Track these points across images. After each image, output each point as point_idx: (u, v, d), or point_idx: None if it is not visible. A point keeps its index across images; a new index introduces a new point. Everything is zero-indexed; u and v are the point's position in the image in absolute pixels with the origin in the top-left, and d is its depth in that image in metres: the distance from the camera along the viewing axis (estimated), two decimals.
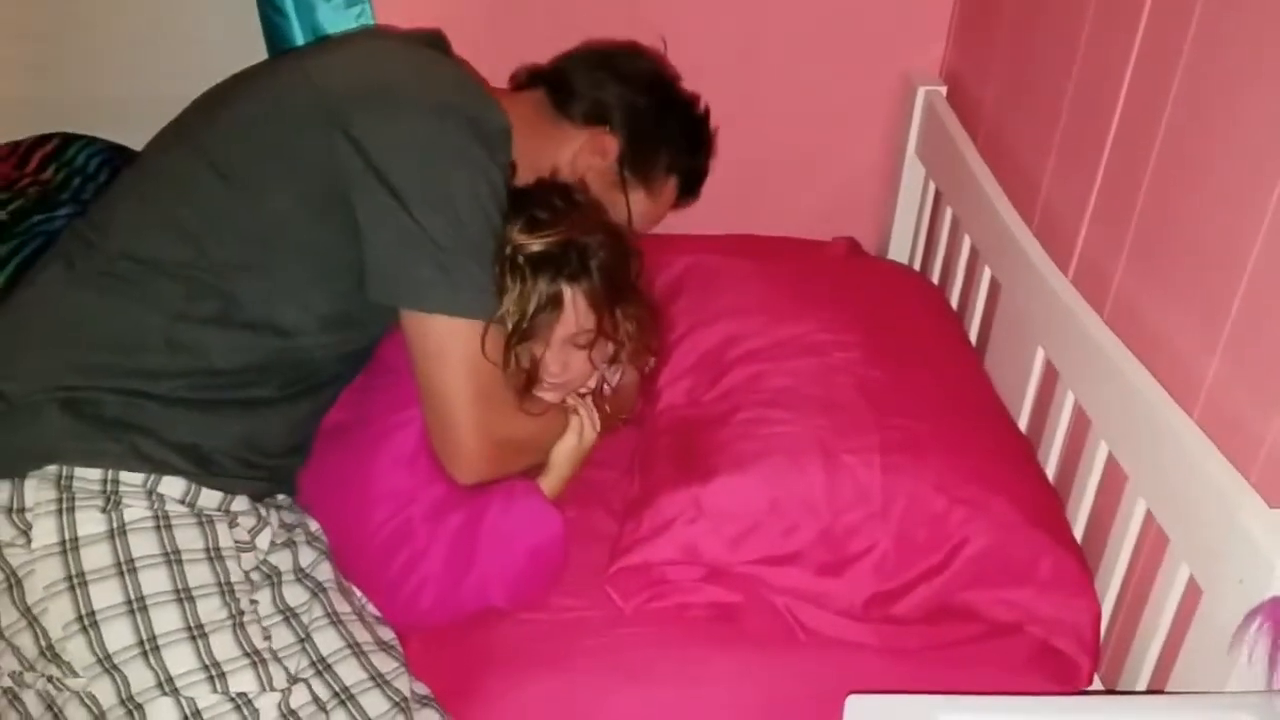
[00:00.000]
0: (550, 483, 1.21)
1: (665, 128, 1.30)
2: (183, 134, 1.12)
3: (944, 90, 1.68)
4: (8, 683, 0.98)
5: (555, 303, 1.16)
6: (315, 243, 1.06)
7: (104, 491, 0.97)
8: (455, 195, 1.04)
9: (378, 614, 1.14)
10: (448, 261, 1.03)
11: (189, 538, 0.99)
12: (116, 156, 1.74)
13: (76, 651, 0.94)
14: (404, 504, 1.12)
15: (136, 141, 1.27)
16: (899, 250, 1.80)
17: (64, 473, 0.97)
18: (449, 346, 1.06)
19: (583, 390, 1.27)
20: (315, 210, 1.05)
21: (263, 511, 1.09)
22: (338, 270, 1.06)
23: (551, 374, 1.19)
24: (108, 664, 0.94)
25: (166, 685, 0.94)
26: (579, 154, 1.26)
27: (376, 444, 1.15)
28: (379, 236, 1.03)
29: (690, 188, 1.37)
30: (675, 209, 1.39)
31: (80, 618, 0.94)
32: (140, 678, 0.94)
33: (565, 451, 1.23)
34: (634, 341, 1.25)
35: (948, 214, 1.61)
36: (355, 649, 1.07)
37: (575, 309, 1.17)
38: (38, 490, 0.96)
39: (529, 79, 1.32)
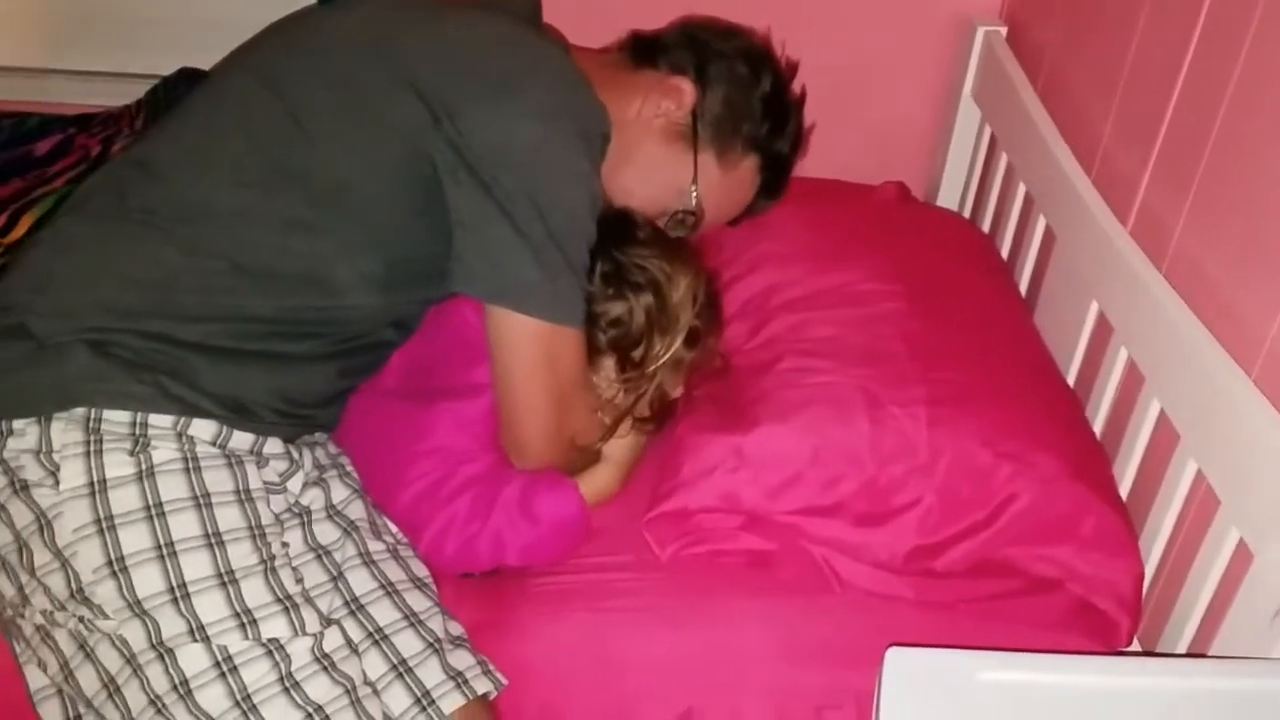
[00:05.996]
0: (609, 476, 1.20)
1: (752, 94, 1.20)
2: (263, 70, 1.07)
3: (1004, 31, 1.63)
4: (40, 621, 0.97)
5: (693, 340, 1.17)
6: (382, 210, 1.04)
7: (132, 434, 0.96)
8: (559, 206, 1.03)
9: (412, 550, 1.14)
10: (548, 269, 1.03)
11: (218, 480, 0.98)
12: None
13: (106, 595, 0.94)
14: (453, 464, 1.12)
15: None
16: (949, 196, 1.76)
17: (92, 415, 0.96)
18: (537, 351, 1.06)
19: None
20: (393, 182, 1.03)
21: (295, 454, 1.08)
22: (399, 238, 1.05)
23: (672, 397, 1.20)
24: (138, 609, 0.94)
25: (198, 632, 0.94)
26: (649, 96, 1.18)
27: (438, 402, 1.14)
28: (477, 237, 1.02)
29: (772, 180, 1.26)
30: (748, 216, 1.30)
31: (110, 562, 0.94)
32: (171, 624, 0.94)
33: (627, 448, 1.21)
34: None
35: (1002, 160, 1.57)
36: (389, 588, 1.07)
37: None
38: (65, 432, 0.95)
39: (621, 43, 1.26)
